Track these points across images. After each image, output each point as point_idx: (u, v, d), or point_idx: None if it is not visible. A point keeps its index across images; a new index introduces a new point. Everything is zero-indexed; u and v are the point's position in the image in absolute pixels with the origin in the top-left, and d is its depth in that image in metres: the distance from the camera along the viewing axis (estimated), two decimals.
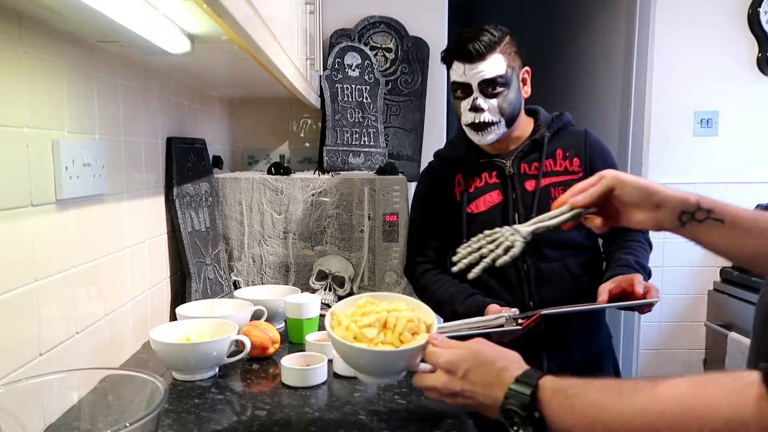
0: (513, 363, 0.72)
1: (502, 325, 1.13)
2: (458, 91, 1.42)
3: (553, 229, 0.91)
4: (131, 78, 1.29)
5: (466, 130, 1.44)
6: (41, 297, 0.92)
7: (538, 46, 4.17)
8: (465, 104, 1.41)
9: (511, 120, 1.42)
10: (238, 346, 1.20)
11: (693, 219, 0.81)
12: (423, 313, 0.88)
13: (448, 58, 1.43)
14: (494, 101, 1.38)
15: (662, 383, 0.55)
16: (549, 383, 0.65)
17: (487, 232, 0.94)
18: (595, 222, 0.90)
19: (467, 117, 1.41)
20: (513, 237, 0.91)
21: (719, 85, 2.71)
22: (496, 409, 0.69)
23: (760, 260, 0.81)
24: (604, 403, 0.58)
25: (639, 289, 1.20)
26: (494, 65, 1.37)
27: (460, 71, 1.39)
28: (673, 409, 0.52)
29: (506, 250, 0.90)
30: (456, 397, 0.75)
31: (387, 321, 0.85)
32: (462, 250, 0.93)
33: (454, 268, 0.91)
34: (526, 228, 0.93)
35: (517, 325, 1.13)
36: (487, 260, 0.90)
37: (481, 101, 1.38)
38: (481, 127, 1.40)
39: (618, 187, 0.86)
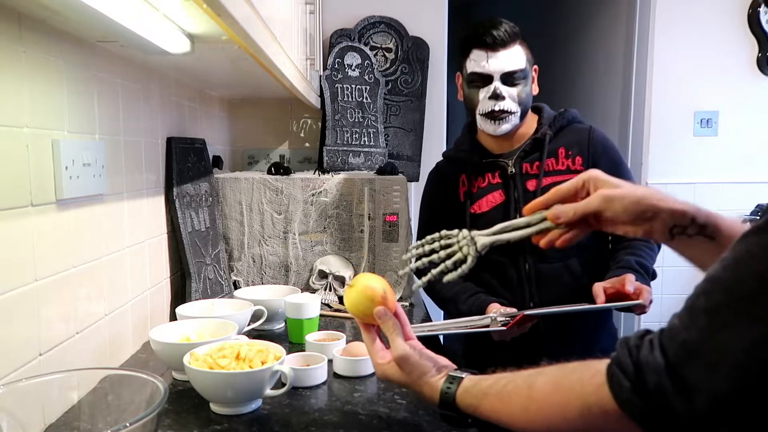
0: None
1: (487, 326, 1.14)
2: (476, 81, 1.41)
3: (513, 243, 0.84)
4: (131, 78, 1.29)
5: (481, 120, 1.42)
6: (41, 297, 0.92)
7: (538, 46, 4.17)
8: (484, 92, 1.40)
9: (524, 112, 1.43)
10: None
11: (684, 233, 0.77)
12: (273, 347, 1.03)
13: (466, 46, 1.41)
14: (514, 90, 1.39)
15: (535, 384, 0.69)
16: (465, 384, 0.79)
17: (444, 232, 0.85)
18: (565, 237, 0.83)
19: (485, 105, 1.40)
20: (467, 249, 0.82)
21: (719, 85, 2.71)
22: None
23: None
24: (497, 409, 0.74)
25: (629, 288, 1.19)
26: (516, 57, 1.37)
27: (481, 60, 1.38)
28: (544, 408, 0.67)
29: (456, 264, 0.82)
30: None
31: (239, 353, 1.00)
32: (414, 250, 0.86)
33: (401, 272, 0.85)
34: (484, 239, 0.83)
35: (502, 326, 1.13)
36: (435, 272, 0.82)
37: (502, 89, 1.38)
38: (499, 115, 1.39)
39: (606, 208, 0.80)
